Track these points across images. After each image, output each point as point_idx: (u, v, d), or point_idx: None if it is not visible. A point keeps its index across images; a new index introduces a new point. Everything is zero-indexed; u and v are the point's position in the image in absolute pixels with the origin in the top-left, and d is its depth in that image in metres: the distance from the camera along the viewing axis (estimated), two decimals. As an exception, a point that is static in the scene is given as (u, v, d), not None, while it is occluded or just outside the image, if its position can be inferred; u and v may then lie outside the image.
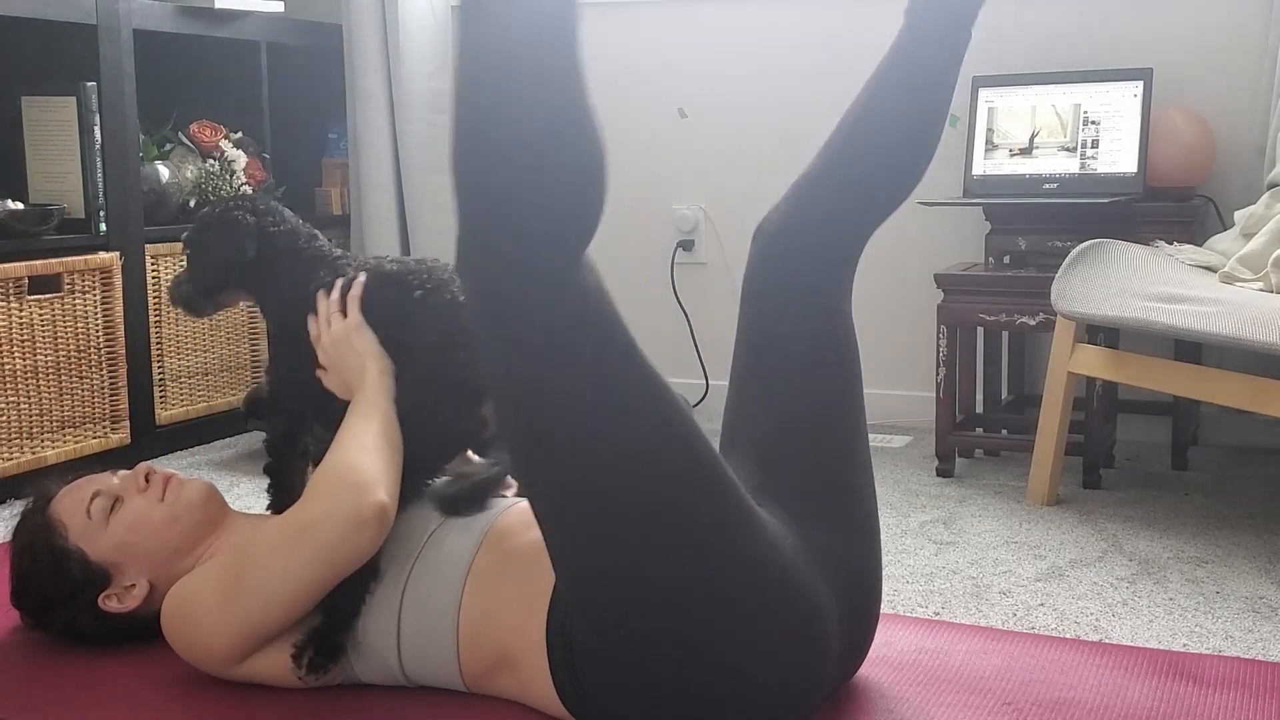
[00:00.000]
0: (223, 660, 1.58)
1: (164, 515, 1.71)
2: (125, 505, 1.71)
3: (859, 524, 1.58)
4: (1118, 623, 1.99)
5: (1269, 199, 2.66)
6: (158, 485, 1.74)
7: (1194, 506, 2.61)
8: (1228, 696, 1.62)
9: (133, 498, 1.72)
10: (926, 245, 3.30)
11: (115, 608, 1.69)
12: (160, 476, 1.75)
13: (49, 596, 1.72)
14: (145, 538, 1.69)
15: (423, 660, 1.57)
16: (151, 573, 1.69)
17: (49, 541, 1.70)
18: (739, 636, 1.39)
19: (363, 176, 3.67)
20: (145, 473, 1.76)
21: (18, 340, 2.73)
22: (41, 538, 1.71)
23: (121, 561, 1.69)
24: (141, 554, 1.69)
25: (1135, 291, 2.43)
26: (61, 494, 1.75)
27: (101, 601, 1.69)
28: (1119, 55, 3.07)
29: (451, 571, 1.56)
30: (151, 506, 1.71)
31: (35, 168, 3.00)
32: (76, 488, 1.75)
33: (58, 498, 1.74)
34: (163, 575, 1.68)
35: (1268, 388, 2.30)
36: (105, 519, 1.70)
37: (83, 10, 2.95)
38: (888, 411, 3.34)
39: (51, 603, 1.73)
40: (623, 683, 1.42)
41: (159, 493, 1.72)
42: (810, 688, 1.48)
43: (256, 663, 1.58)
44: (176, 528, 1.71)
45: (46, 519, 1.72)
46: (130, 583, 1.69)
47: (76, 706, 1.61)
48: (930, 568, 2.27)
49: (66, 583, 1.69)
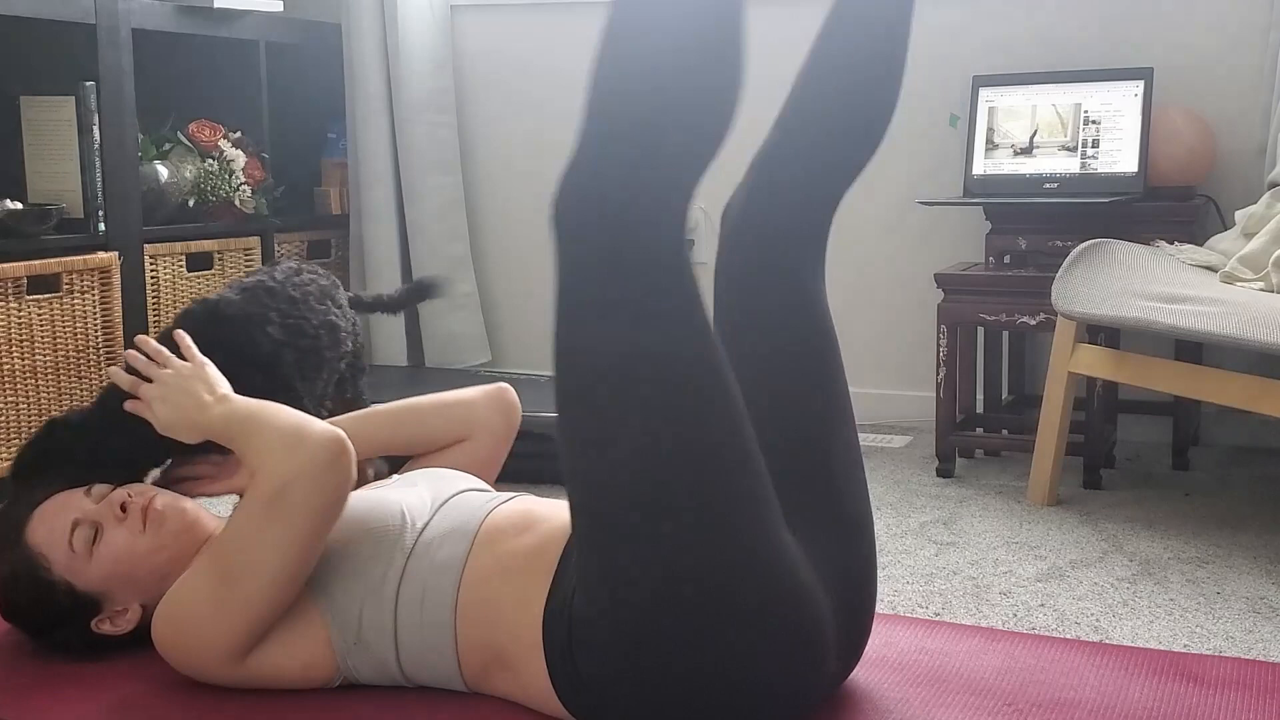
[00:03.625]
0: (227, 656, 1.56)
1: (149, 545, 1.66)
2: (107, 535, 1.66)
3: (848, 518, 1.55)
4: (1118, 623, 1.99)
5: (1269, 199, 2.66)
6: (136, 518, 1.67)
7: (1194, 506, 2.61)
8: (1228, 697, 1.62)
9: (113, 527, 1.66)
10: (926, 245, 3.30)
11: (110, 630, 1.67)
12: (137, 507, 1.68)
13: (40, 625, 1.70)
14: (133, 568, 1.66)
15: (421, 659, 1.57)
16: (143, 596, 1.67)
17: (33, 575, 1.65)
18: (745, 638, 1.38)
19: (362, 176, 3.68)
20: (121, 502, 1.69)
21: (16, 340, 2.72)
22: (25, 571, 1.66)
23: (111, 590, 1.66)
24: (131, 582, 1.66)
25: (1136, 291, 2.42)
26: (36, 521, 1.68)
27: (95, 626, 1.67)
28: (1119, 55, 3.07)
29: (446, 572, 1.55)
30: (135, 537, 1.66)
31: (34, 167, 3.00)
32: (52, 515, 1.68)
33: (32, 525, 1.68)
34: (154, 597, 1.65)
35: (1268, 388, 2.29)
36: (89, 550, 1.65)
37: (82, 10, 2.95)
38: (888, 411, 3.34)
39: (42, 630, 1.71)
40: (624, 682, 1.42)
41: (139, 525, 1.67)
42: (810, 687, 1.48)
43: (257, 663, 1.57)
44: (164, 554, 1.67)
45: (27, 552, 1.66)
46: (122, 607, 1.67)
47: (77, 707, 1.61)
48: (930, 568, 2.26)
49: (56, 613, 1.67)
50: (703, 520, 1.35)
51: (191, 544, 1.69)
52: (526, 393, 3.19)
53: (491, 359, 3.78)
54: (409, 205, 3.68)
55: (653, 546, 1.36)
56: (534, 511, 1.61)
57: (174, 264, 3.20)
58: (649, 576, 1.37)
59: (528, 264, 3.77)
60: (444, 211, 3.70)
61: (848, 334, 1.47)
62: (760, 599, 1.38)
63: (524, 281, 3.78)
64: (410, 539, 1.59)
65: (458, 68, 3.74)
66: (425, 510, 1.63)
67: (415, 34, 3.61)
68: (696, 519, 1.35)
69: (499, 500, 1.66)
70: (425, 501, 1.65)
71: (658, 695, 1.41)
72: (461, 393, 1.94)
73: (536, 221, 3.74)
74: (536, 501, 1.65)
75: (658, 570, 1.36)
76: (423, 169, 3.66)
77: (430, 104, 3.66)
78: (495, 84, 3.74)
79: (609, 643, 1.42)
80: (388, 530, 1.59)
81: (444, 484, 1.72)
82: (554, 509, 1.60)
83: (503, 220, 3.79)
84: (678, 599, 1.37)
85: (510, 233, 3.79)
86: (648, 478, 1.34)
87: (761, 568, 1.38)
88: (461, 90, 3.75)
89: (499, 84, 3.73)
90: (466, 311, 3.74)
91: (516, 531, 1.57)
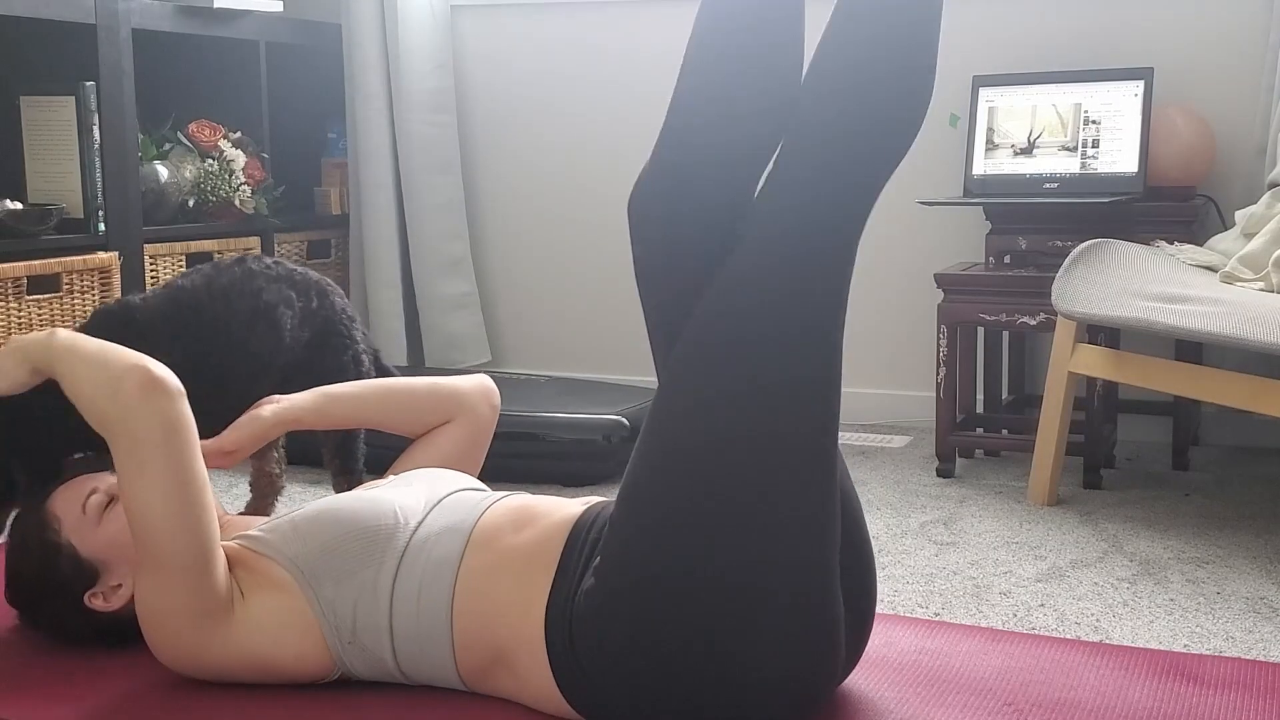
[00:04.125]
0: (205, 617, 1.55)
1: None
2: (119, 506, 1.70)
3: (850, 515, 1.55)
4: (1118, 623, 1.99)
5: (1269, 199, 2.66)
6: None
7: (1194, 506, 2.61)
8: (1228, 697, 1.62)
9: None
10: (926, 245, 3.30)
11: (100, 606, 1.68)
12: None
13: (37, 590, 1.72)
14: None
15: (418, 658, 1.56)
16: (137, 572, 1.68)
17: (41, 536, 1.69)
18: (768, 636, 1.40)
19: (362, 176, 3.68)
20: None
21: (16, 340, 2.73)
22: (34, 532, 1.71)
23: (111, 560, 1.68)
24: (130, 554, 1.68)
25: (1136, 291, 2.42)
26: (61, 488, 1.74)
27: (87, 599, 1.68)
28: (1119, 55, 3.07)
29: (441, 570, 1.55)
30: None
31: (34, 167, 3.00)
32: (76, 483, 1.74)
33: (56, 492, 1.74)
34: None
35: (1268, 388, 2.29)
36: (100, 515, 1.69)
37: (82, 10, 2.95)
38: (888, 411, 3.34)
39: (39, 597, 1.72)
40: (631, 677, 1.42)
41: None
42: (817, 690, 1.48)
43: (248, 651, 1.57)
44: None
45: (43, 514, 1.71)
46: (116, 582, 1.69)
47: (77, 707, 1.61)
48: (930, 568, 2.26)
49: (54, 578, 1.69)
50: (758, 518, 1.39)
51: None
52: (525, 393, 3.21)
53: (491, 359, 3.78)
54: (409, 205, 3.68)
55: (695, 535, 1.39)
56: (532, 508, 1.60)
57: (174, 264, 3.20)
58: (679, 567, 1.39)
59: (528, 264, 3.77)
60: (444, 211, 3.69)
61: (848, 334, 1.48)
62: (792, 600, 1.40)
63: (524, 281, 3.78)
64: (404, 538, 1.59)
65: (458, 68, 3.74)
66: (419, 509, 1.63)
67: (415, 34, 3.61)
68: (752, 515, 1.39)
69: (495, 498, 1.66)
70: (419, 500, 1.65)
71: (665, 690, 1.41)
72: (449, 378, 1.98)
73: (536, 221, 3.74)
74: (534, 499, 1.65)
75: (690, 563, 1.39)
76: (423, 169, 3.66)
77: (430, 104, 3.66)
78: (495, 84, 3.74)
79: (621, 636, 1.42)
80: (380, 529, 1.59)
81: (439, 483, 1.72)
82: (554, 505, 1.61)
83: (503, 220, 3.79)
84: (703, 592, 1.38)
85: (510, 233, 3.78)
86: (723, 459, 1.39)
87: (801, 569, 1.41)
88: (461, 90, 3.75)
89: (499, 84, 3.73)
90: (466, 311, 3.74)
91: (515, 528, 1.57)
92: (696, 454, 1.41)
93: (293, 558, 1.59)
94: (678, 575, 1.40)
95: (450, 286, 3.71)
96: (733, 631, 1.39)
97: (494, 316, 3.82)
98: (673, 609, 1.40)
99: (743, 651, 1.40)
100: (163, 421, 1.54)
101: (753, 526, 1.39)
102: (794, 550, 1.41)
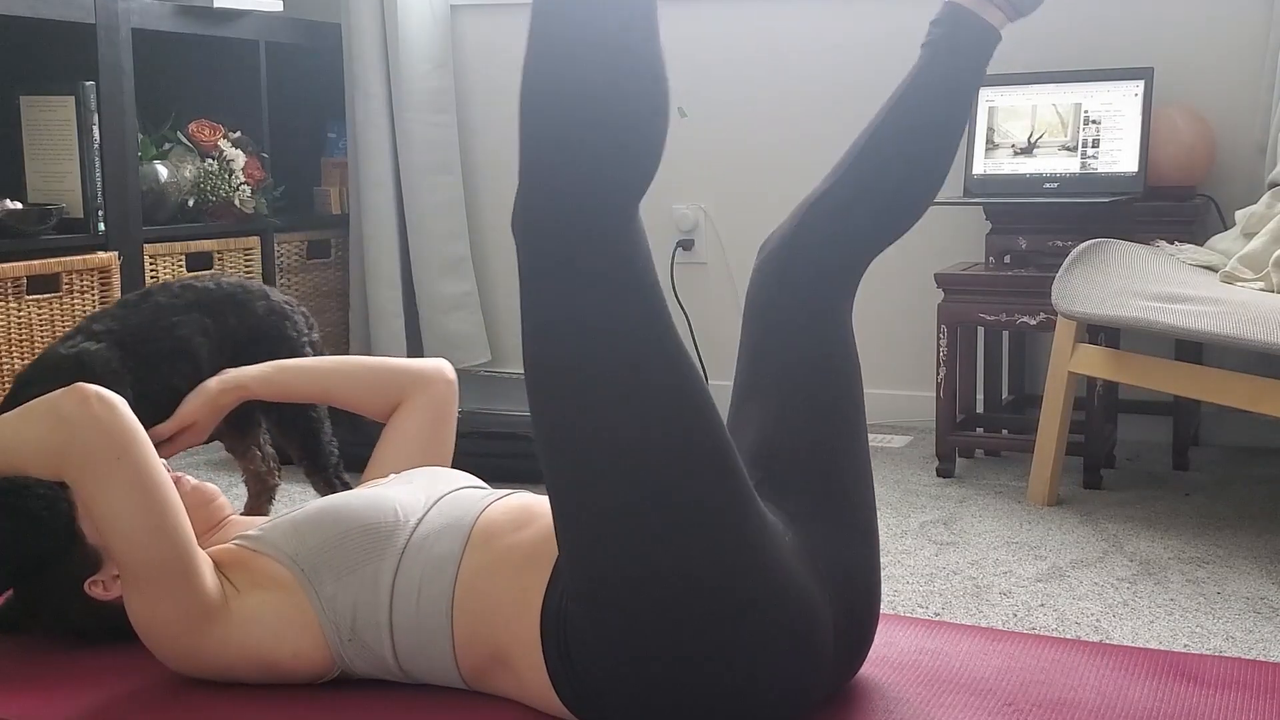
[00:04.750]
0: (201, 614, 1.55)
1: None
2: None
3: (858, 526, 1.58)
4: (1118, 623, 1.99)
5: (1270, 198, 2.66)
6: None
7: (1195, 506, 2.61)
8: (1229, 697, 1.62)
9: None
10: (926, 245, 3.29)
11: (100, 594, 1.68)
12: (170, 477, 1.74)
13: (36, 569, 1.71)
14: None
15: (418, 656, 1.56)
16: None
17: (55, 509, 1.68)
18: (735, 634, 1.39)
19: (362, 176, 3.67)
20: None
21: (16, 340, 2.72)
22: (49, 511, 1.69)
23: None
24: None
25: (1136, 291, 2.42)
26: None
27: (88, 587, 1.68)
28: (1119, 55, 3.07)
29: (441, 568, 1.55)
30: None
31: (34, 167, 3.00)
32: None
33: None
34: None
35: (1268, 388, 2.29)
36: None
37: (81, 9, 2.95)
38: (888, 411, 3.34)
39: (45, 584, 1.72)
40: (619, 679, 1.42)
41: None
42: (803, 687, 1.48)
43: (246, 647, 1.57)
44: None
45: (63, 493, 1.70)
46: (117, 572, 1.69)
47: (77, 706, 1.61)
48: (930, 568, 2.26)
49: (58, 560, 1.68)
50: (677, 517, 1.38)
51: (202, 522, 1.71)
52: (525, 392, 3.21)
53: (491, 359, 3.78)
54: (409, 205, 3.68)
55: (627, 545, 1.38)
56: (532, 507, 1.60)
57: (174, 264, 3.20)
58: (627, 575, 1.39)
59: (528, 264, 3.76)
60: (444, 211, 3.69)
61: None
62: (748, 595, 1.40)
63: (524, 281, 3.78)
64: (404, 536, 1.59)
65: (458, 68, 3.74)
66: (419, 507, 1.63)
67: (415, 34, 3.61)
68: (670, 516, 1.38)
69: (495, 496, 1.66)
70: (419, 498, 1.65)
71: (653, 692, 1.41)
72: (406, 360, 2.03)
73: (536, 221, 3.73)
74: (535, 498, 1.65)
75: (636, 568, 1.38)
76: (423, 169, 3.66)
77: (430, 104, 3.66)
78: (495, 84, 3.74)
79: (598, 640, 1.42)
80: (381, 526, 1.59)
81: (440, 482, 1.72)
82: None
83: (503, 220, 3.79)
84: (659, 596, 1.38)
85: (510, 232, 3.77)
86: (619, 476, 1.38)
87: (745, 564, 1.40)
88: (461, 90, 3.75)
89: (499, 84, 3.73)
90: (466, 311, 3.74)
91: (514, 527, 1.57)
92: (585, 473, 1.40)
93: (292, 555, 1.59)
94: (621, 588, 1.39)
95: (450, 286, 3.71)
96: (696, 635, 1.39)
97: (494, 316, 3.82)
98: (630, 618, 1.40)
99: (712, 653, 1.39)
100: (108, 429, 1.55)
101: (662, 529, 1.38)
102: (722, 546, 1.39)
